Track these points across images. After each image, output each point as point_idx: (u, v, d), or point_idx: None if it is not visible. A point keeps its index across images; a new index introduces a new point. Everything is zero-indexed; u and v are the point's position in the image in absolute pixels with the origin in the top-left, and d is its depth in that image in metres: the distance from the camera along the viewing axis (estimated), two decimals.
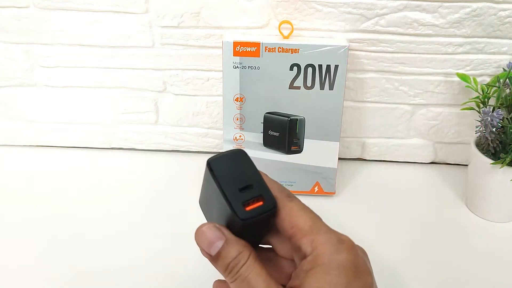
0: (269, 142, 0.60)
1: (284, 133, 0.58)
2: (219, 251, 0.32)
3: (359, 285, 0.30)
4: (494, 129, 0.54)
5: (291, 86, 0.57)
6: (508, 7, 0.58)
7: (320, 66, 0.56)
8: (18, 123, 0.70)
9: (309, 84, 0.57)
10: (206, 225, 0.33)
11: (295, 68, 0.56)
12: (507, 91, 0.56)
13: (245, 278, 0.31)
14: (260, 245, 0.35)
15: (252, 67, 0.56)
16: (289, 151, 0.60)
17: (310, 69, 0.56)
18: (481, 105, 0.58)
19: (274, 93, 0.57)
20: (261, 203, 0.31)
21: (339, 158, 0.64)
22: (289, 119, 0.58)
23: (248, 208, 0.31)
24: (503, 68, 0.60)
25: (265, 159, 0.60)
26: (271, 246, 0.35)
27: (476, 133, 0.57)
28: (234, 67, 0.56)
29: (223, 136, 0.60)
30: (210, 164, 0.33)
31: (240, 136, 0.60)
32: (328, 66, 0.56)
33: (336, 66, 0.56)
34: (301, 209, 0.32)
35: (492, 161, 0.54)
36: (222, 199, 0.31)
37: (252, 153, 0.60)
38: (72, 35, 0.63)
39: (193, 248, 0.42)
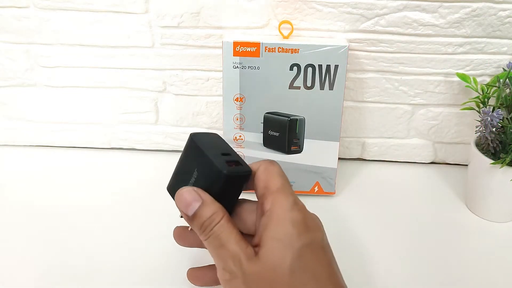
0: (269, 142, 0.60)
1: (284, 133, 0.58)
2: (195, 212, 0.35)
3: (309, 237, 0.34)
4: (494, 129, 0.54)
5: (291, 86, 0.57)
6: (508, 7, 0.58)
7: (320, 66, 0.56)
8: (18, 123, 0.70)
9: (309, 84, 0.57)
10: (185, 188, 0.36)
11: (295, 68, 0.56)
12: (507, 91, 0.56)
13: (218, 236, 0.34)
14: None
15: (252, 67, 0.56)
16: (289, 151, 0.60)
17: (310, 69, 0.56)
18: (481, 105, 0.58)
19: (274, 93, 0.57)
20: (239, 166, 0.37)
21: (339, 158, 0.64)
22: (289, 119, 0.58)
23: (230, 167, 0.35)
24: (503, 68, 0.60)
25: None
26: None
27: (476, 133, 0.57)
28: (234, 67, 0.56)
29: (223, 136, 0.60)
30: (193, 136, 0.38)
31: (240, 136, 0.60)
32: (328, 66, 0.56)
33: (336, 66, 0.56)
34: (277, 174, 0.37)
35: (492, 161, 0.54)
36: (207, 161, 0.35)
37: (252, 153, 0.61)
38: (72, 35, 0.63)
39: (193, 248, 0.43)
